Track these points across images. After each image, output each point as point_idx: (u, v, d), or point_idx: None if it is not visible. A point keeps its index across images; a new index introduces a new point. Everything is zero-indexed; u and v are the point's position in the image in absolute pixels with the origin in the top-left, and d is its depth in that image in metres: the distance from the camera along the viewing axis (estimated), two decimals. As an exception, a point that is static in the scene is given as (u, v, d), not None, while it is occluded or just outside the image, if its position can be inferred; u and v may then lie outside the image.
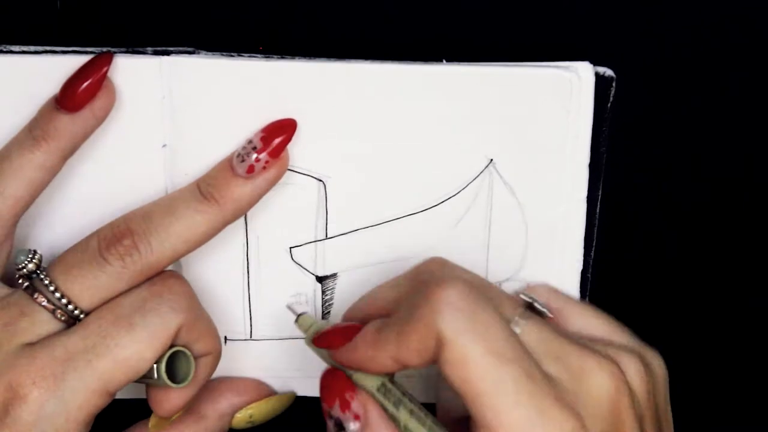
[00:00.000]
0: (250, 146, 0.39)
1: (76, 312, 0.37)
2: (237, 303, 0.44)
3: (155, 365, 0.38)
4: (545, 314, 0.37)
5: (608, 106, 0.41)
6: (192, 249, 0.39)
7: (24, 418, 0.36)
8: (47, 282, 0.37)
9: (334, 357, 0.37)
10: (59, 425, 0.36)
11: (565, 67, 0.40)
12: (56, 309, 0.37)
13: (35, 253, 0.38)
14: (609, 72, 0.41)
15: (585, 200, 0.42)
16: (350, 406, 0.36)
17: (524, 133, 0.41)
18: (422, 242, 0.39)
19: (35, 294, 0.37)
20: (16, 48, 0.40)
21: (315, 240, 0.43)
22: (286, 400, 0.45)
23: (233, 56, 0.41)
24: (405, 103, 0.41)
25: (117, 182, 0.41)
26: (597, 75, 0.41)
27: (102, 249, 0.37)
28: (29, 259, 0.38)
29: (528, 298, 0.37)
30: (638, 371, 0.36)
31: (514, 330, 0.35)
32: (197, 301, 0.40)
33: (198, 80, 0.40)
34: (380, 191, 0.42)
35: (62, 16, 0.42)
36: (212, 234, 0.39)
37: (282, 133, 0.40)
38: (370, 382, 0.36)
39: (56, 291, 0.37)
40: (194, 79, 0.40)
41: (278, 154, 0.39)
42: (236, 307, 0.44)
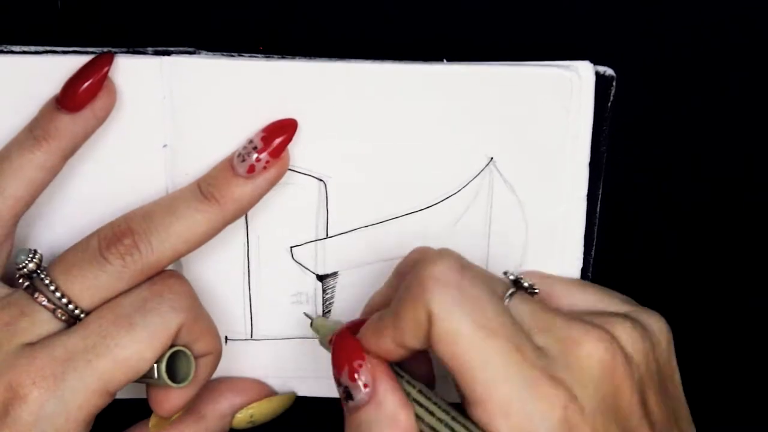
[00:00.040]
0: (251, 146, 0.39)
1: (77, 312, 0.37)
2: (237, 303, 0.44)
3: (155, 365, 0.38)
4: (533, 291, 0.37)
5: (608, 106, 0.41)
6: (192, 249, 0.39)
7: (24, 418, 0.36)
8: (47, 281, 0.37)
9: None
10: (59, 425, 0.36)
11: (566, 67, 0.40)
12: (56, 309, 0.37)
13: (35, 253, 0.38)
14: (609, 71, 0.41)
15: (585, 199, 0.42)
16: (358, 375, 0.36)
17: (524, 132, 0.41)
18: (422, 240, 0.39)
19: (35, 294, 0.37)
20: (17, 48, 0.40)
21: (315, 239, 0.43)
22: (287, 400, 0.45)
23: (233, 56, 0.41)
24: (405, 103, 0.41)
25: (117, 182, 0.41)
26: (597, 74, 0.41)
27: (102, 248, 0.37)
28: (29, 259, 0.38)
29: (513, 276, 0.37)
30: (631, 335, 0.36)
31: (504, 305, 0.35)
32: (198, 301, 0.40)
33: (198, 80, 0.40)
34: (380, 190, 0.42)
35: (62, 16, 0.42)
36: (213, 234, 0.39)
37: (282, 133, 0.40)
38: None
39: (56, 290, 0.37)
40: (195, 79, 0.40)
41: (279, 154, 0.39)
42: (236, 307, 0.44)
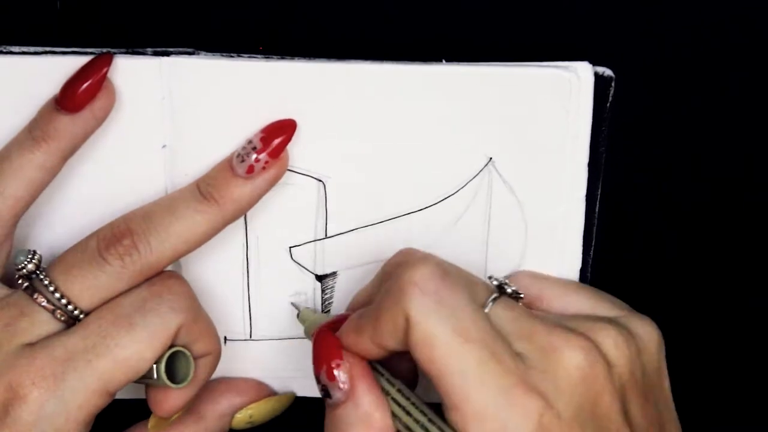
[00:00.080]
0: (250, 146, 0.39)
1: (76, 312, 0.37)
2: (237, 303, 0.44)
3: (155, 365, 0.38)
4: (517, 296, 0.37)
5: (607, 106, 0.41)
6: (192, 249, 0.39)
7: (24, 418, 0.36)
8: (47, 282, 0.37)
9: None
10: (59, 425, 0.36)
11: (565, 67, 0.40)
12: (56, 309, 0.37)
13: (35, 254, 0.38)
14: (608, 72, 0.41)
15: (584, 199, 0.42)
16: (336, 375, 0.36)
17: (524, 133, 0.41)
18: (422, 241, 0.39)
19: (35, 294, 0.37)
20: (16, 48, 0.40)
21: (314, 239, 0.43)
22: (286, 401, 0.45)
23: (233, 57, 0.41)
24: (405, 103, 0.41)
25: (117, 183, 0.41)
26: (596, 75, 0.41)
27: (102, 249, 0.37)
28: (29, 260, 0.38)
29: (498, 281, 0.37)
30: (615, 341, 0.36)
31: (484, 312, 0.35)
32: (197, 302, 0.40)
33: (198, 81, 0.40)
34: (380, 191, 0.42)
35: (62, 17, 0.42)
36: (212, 234, 0.39)
37: (282, 134, 0.40)
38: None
39: (56, 291, 0.37)
40: (194, 80, 0.40)
41: (278, 155, 0.39)
42: (236, 307, 0.44)
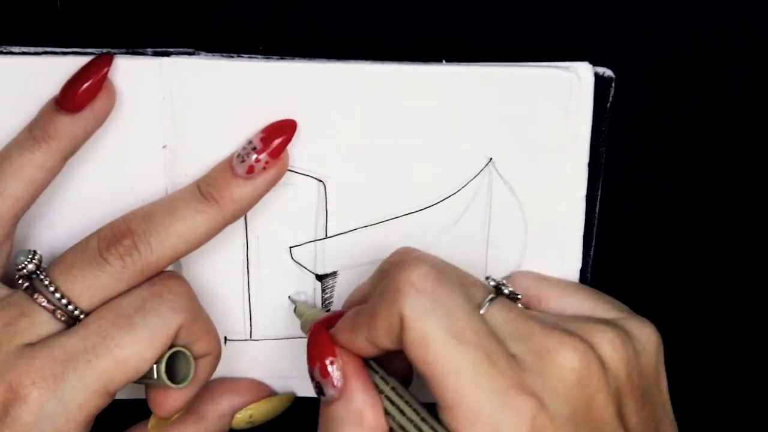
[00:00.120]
0: (250, 147, 0.39)
1: (76, 312, 0.37)
2: (237, 303, 0.44)
3: (155, 365, 0.38)
4: (515, 297, 0.37)
5: (608, 106, 0.41)
6: (192, 249, 0.39)
7: (24, 419, 0.36)
8: (47, 282, 0.37)
9: None
10: (59, 425, 0.36)
11: (565, 68, 0.40)
12: (56, 309, 0.37)
13: (35, 254, 0.38)
14: (608, 72, 0.41)
15: (584, 199, 0.42)
16: (330, 372, 0.36)
17: (524, 133, 0.41)
18: (421, 241, 0.39)
19: (35, 294, 0.37)
20: (16, 49, 0.40)
21: (315, 239, 0.43)
22: (286, 401, 0.45)
23: (233, 57, 0.41)
24: (404, 104, 0.41)
25: (117, 183, 0.41)
26: (596, 75, 0.41)
27: (102, 249, 0.38)
28: (29, 260, 0.38)
29: (495, 282, 0.37)
30: (612, 343, 0.36)
31: (480, 312, 0.35)
32: (197, 302, 0.40)
33: (198, 81, 0.40)
34: (380, 191, 0.42)
35: (62, 17, 0.42)
36: (212, 234, 0.39)
37: (282, 134, 0.40)
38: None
39: (56, 291, 0.37)
40: (194, 80, 0.40)
41: (278, 155, 0.39)
42: (236, 307, 0.44)
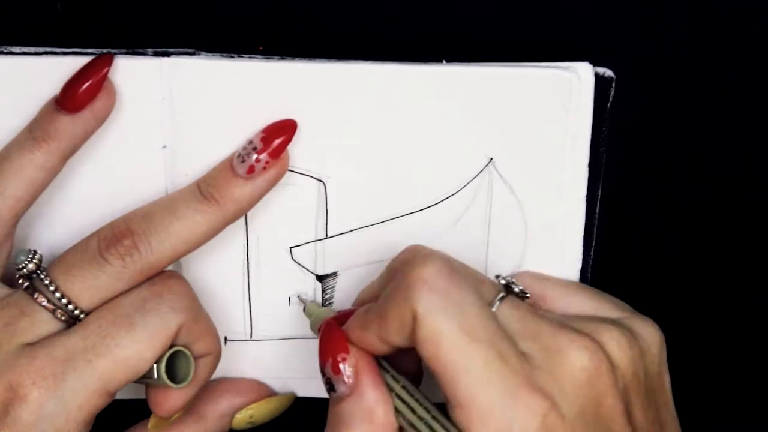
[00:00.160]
0: (251, 147, 0.39)
1: (76, 312, 0.37)
2: (237, 303, 0.44)
3: (155, 365, 0.38)
4: (524, 296, 0.37)
5: (608, 107, 0.41)
6: (192, 249, 0.39)
7: (24, 418, 0.36)
8: (47, 282, 0.37)
9: None
10: (59, 425, 0.36)
11: (565, 68, 0.40)
12: (56, 309, 0.37)
13: (35, 253, 0.38)
14: (609, 72, 0.41)
15: (584, 199, 0.42)
16: (341, 369, 0.36)
17: (524, 133, 0.41)
18: (422, 241, 0.39)
19: (35, 294, 0.37)
20: (17, 49, 0.40)
21: (315, 240, 0.43)
22: (286, 401, 0.45)
23: (233, 57, 0.41)
24: (405, 103, 0.41)
25: (117, 183, 0.41)
26: (597, 75, 0.41)
27: (102, 249, 0.38)
28: (29, 259, 0.38)
29: (505, 281, 0.37)
30: (618, 342, 0.36)
31: (491, 310, 0.35)
32: (197, 301, 0.40)
33: (198, 81, 0.40)
34: (380, 191, 0.42)
35: (62, 17, 0.42)
36: (212, 234, 0.39)
37: (282, 134, 0.40)
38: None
39: (56, 291, 0.37)
40: (194, 80, 0.40)
41: (278, 155, 0.39)
42: (236, 307, 0.44)
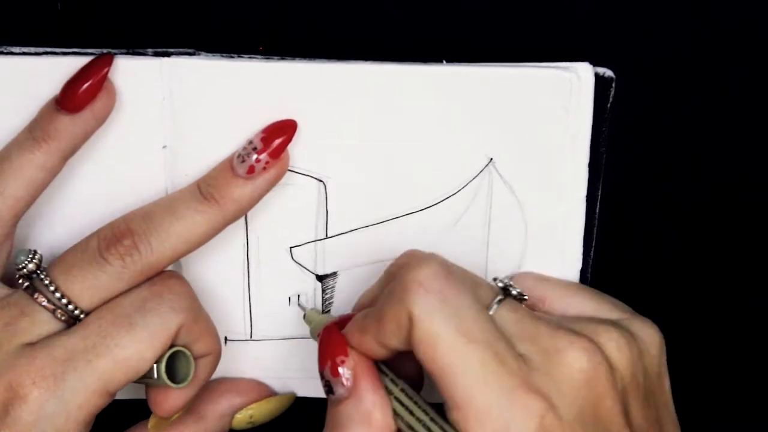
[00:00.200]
0: (251, 147, 0.39)
1: (76, 312, 0.37)
2: (237, 303, 0.44)
3: (155, 365, 0.38)
4: (522, 298, 0.37)
5: (608, 107, 0.41)
6: (192, 249, 0.39)
7: (24, 418, 0.36)
8: (47, 282, 0.37)
9: None
10: (59, 425, 0.36)
11: (565, 68, 0.40)
12: (56, 309, 0.37)
13: (35, 253, 0.38)
14: (609, 73, 0.41)
15: (584, 200, 0.42)
16: (340, 372, 0.36)
17: (524, 133, 0.41)
18: (422, 241, 0.39)
19: (35, 294, 0.37)
20: (17, 49, 0.40)
21: (315, 240, 0.43)
22: (287, 401, 0.45)
23: (233, 57, 0.41)
24: (404, 104, 0.41)
25: (117, 183, 0.41)
26: (597, 75, 0.41)
27: (102, 249, 0.38)
28: (29, 259, 0.38)
29: (503, 283, 0.37)
30: (617, 344, 0.36)
31: (488, 313, 0.35)
32: (197, 302, 0.40)
33: (198, 81, 0.40)
34: (380, 191, 0.42)
35: (62, 17, 0.42)
36: (212, 234, 0.39)
37: (282, 134, 0.40)
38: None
39: (56, 291, 0.37)
40: (194, 81, 0.40)
41: (278, 155, 0.39)
42: (236, 307, 0.44)
